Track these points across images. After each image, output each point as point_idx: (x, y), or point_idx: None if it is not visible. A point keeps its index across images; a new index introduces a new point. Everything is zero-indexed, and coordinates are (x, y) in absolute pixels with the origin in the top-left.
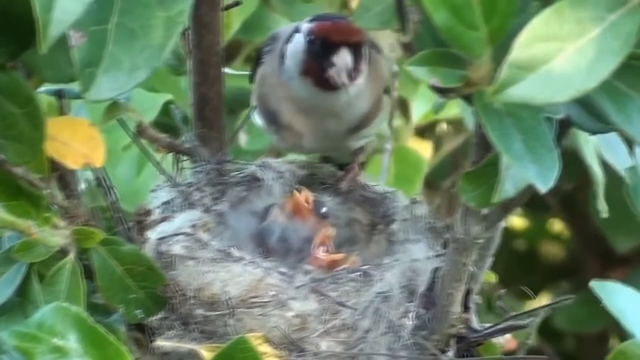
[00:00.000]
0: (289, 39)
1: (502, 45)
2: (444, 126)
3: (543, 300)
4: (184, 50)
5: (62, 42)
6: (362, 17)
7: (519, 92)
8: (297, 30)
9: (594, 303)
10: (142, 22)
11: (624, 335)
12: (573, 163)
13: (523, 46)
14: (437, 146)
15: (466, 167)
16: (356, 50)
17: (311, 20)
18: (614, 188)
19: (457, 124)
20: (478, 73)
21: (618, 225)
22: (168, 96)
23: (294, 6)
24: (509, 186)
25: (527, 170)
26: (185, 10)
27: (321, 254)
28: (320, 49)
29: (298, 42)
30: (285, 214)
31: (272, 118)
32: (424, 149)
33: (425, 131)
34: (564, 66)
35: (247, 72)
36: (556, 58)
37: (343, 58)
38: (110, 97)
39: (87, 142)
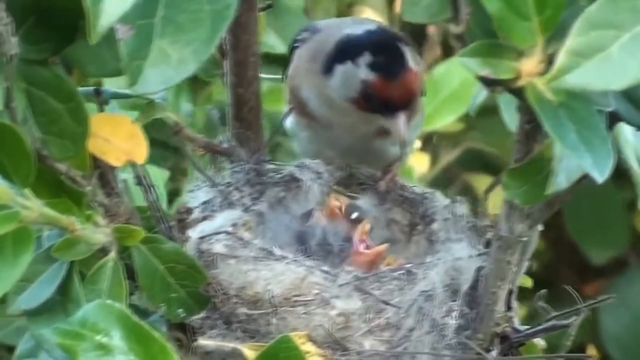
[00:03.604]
0: (339, 54)
1: (552, 37)
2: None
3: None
4: (217, 51)
5: (106, 36)
6: (411, 10)
7: (576, 79)
8: (346, 48)
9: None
10: (189, 15)
11: (602, 348)
12: None
13: (579, 33)
14: (434, 159)
15: (510, 164)
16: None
17: (368, 48)
18: (588, 199)
19: (453, 138)
20: (529, 64)
21: (593, 237)
22: None
23: (282, 19)
24: (561, 178)
25: (584, 160)
26: (232, 4)
27: (363, 249)
28: (378, 104)
29: (351, 75)
30: (325, 216)
31: (303, 109)
32: (421, 162)
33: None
34: (620, 54)
35: (278, 76)
36: (612, 45)
37: (400, 124)
38: (158, 91)
39: (129, 139)
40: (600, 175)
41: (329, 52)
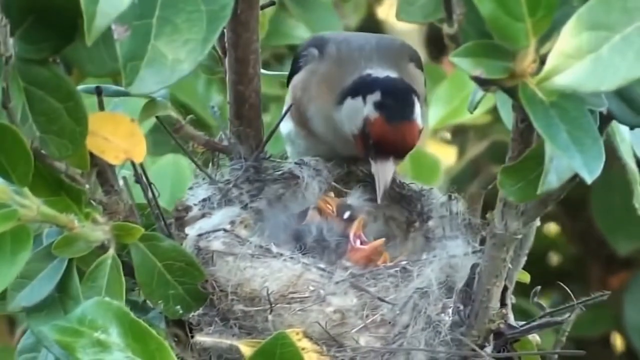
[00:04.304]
0: (354, 89)
1: (545, 37)
2: (447, 135)
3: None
4: (219, 49)
5: (105, 36)
6: (406, 10)
7: (566, 80)
8: (362, 84)
9: (597, 307)
10: (185, 16)
11: (627, 337)
12: None
13: (570, 34)
14: (461, 152)
15: (505, 162)
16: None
17: (381, 87)
18: (614, 191)
19: (481, 130)
20: (522, 65)
21: (620, 229)
22: None
23: (311, 12)
24: (552, 177)
25: (573, 160)
26: (229, 5)
27: (359, 245)
28: (372, 145)
29: (357, 111)
30: (321, 214)
31: (304, 123)
32: (448, 154)
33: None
34: (610, 54)
35: (281, 73)
36: (603, 46)
37: (387, 171)
38: (154, 91)
39: (128, 138)
40: (590, 175)
41: (346, 86)
